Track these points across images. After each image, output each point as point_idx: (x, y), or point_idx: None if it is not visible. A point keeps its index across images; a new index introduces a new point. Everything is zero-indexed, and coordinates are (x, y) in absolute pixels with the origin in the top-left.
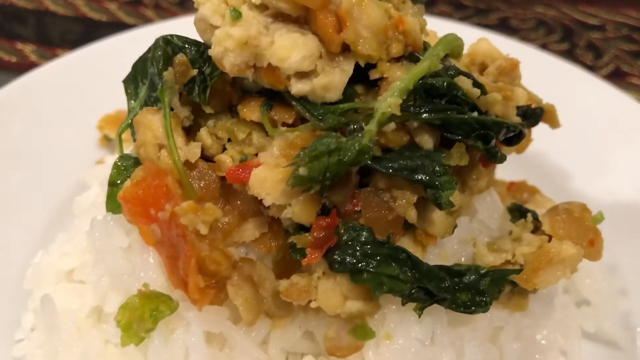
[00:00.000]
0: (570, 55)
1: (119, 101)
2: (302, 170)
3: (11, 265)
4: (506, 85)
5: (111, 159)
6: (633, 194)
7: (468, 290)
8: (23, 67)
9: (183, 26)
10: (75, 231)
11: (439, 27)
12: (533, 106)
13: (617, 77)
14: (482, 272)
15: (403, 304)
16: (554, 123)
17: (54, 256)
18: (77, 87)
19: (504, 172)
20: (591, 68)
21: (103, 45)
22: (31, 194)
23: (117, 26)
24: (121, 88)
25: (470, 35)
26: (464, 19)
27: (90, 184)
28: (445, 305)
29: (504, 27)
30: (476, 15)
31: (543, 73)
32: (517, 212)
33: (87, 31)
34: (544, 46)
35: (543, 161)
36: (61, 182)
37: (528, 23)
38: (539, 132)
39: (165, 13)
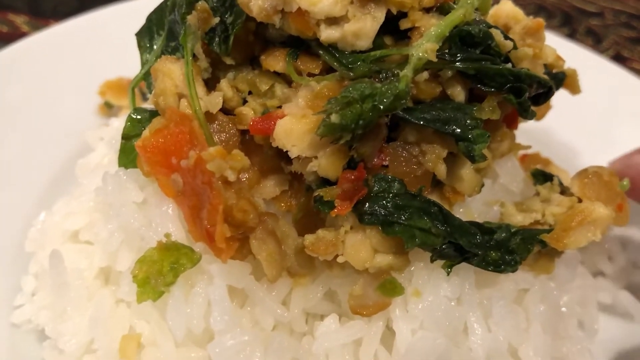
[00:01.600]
0: (570, 39)
1: (119, 69)
2: (334, 117)
3: (10, 229)
4: (534, 43)
5: (116, 121)
6: None
7: (498, 249)
8: (14, 37)
9: None
10: (80, 192)
11: None
12: (554, 71)
13: (618, 62)
14: (513, 230)
15: (432, 260)
16: (575, 88)
17: (58, 216)
18: (75, 54)
19: None
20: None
21: (100, 14)
22: (30, 158)
23: None
24: (121, 56)
25: None
26: None
27: (94, 146)
28: (474, 263)
29: None
30: None
31: None
32: (542, 176)
33: (80, 4)
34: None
35: (550, 138)
36: (60, 147)
37: (528, 8)
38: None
39: None
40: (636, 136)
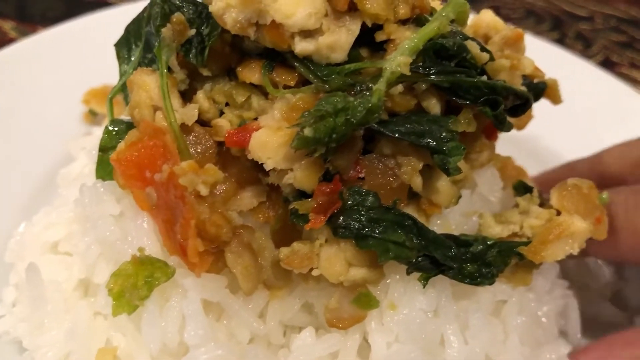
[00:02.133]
0: (560, 44)
1: (103, 76)
2: (308, 131)
3: None
4: (513, 54)
5: (98, 130)
6: None
7: (475, 261)
8: (1, 43)
9: None
10: (60, 202)
11: None
12: (535, 81)
13: (607, 67)
14: (490, 243)
15: (408, 273)
16: (555, 98)
17: (37, 227)
18: (60, 61)
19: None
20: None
21: (86, 21)
22: (11, 167)
23: (101, 5)
24: (106, 63)
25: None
26: None
27: (76, 156)
28: (450, 275)
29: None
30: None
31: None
32: (522, 188)
33: (68, 9)
34: (536, 35)
35: (537, 144)
36: (43, 156)
37: (518, 12)
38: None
39: None
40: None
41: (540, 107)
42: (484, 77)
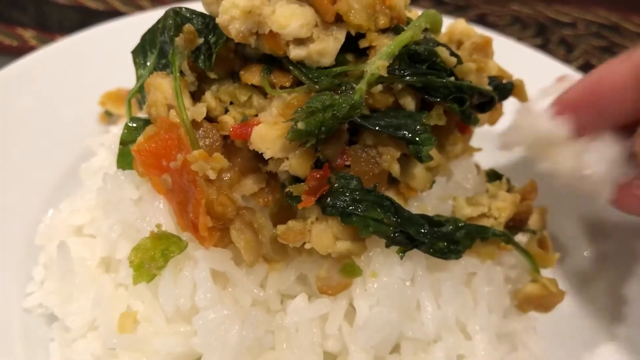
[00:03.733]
0: (543, 49)
1: (117, 80)
2: (300, 125)
3: (21, 225)
4: (480, 58)
5: (115, 128)
6: None
7: (445, 239)
8: (24, 50)
9: None
10: (84, 191)
11: None
12: (504, 81)
13: (586, 70)
14: (460, 225)
15: (387, 246)
16: (522, 97)
17: (64, 213)
18: (78, 67)
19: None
20: (563, 61)
21: (101, 30)
22: (37, 162)
23: (113, 14)
24: (119, 68)
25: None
26: (444, 14)
27: (96, 151)
28: (423, 250)
29: (481, 22)
30: (456, 12)
31: (519, 63)
32: (494, 176)
33: (84, 19)
34: (519, 40)
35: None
36: (64, 152)
37: (504, 19)
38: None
39: (158, 3)
40: None
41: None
42: (452, 78)
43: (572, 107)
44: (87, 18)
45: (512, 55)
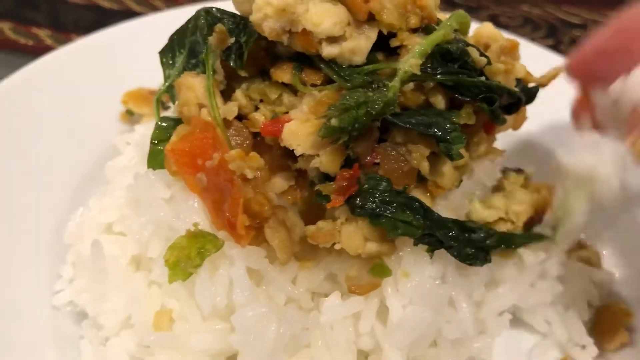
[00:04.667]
0: (555, 50)
1: (137, 79)
2: (334, 121)
3: (47, 224)
4: (508, 60)
5: (140, 128)
6: None
7: (473, 245)
8: (39, 50)
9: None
10: (112, 189)
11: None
12: (530, 85)
13: None
14: (491, 232)
15: (415, 244)
16: None
17: (93, 211)
18: (97, 67)
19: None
20: None
21: (120, 29)
22: (61, 161)
23: (127, 14)
24: (138, 68)
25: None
26: None
27: (122, 150)
28: (450, 253)
29: (493, 23)
30: (467, 13)
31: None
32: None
33: (99, 18)
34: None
35: (531, 141)
36: (87, 151)
37: (516, 20)
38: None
39: (172, 3)
40: None
41: (536, 109)
42: (483, 78)
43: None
44: (102, 18)
45: (526, 56)
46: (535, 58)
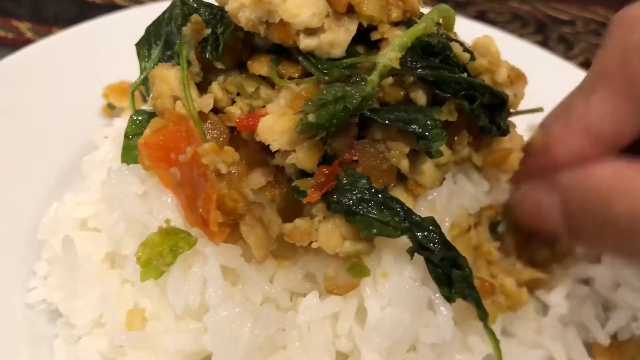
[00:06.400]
0: (543, 46)
1: (118, 73)
2: (311, 117)
3: (22, 220)
4: (491, 61)
5: (118, 121)
6: None
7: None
8: (20, 43)
9: None
10: (87, 184)
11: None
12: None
13: (587, 67)
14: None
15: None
16: None
17: (68, 206)
18: (77, 59)
19: None
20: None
21: (101, 22)
22: (38, 156)
23: (110, 7)
24: (120, 61)
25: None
26: None
27: (99, 144)
28: (430, 261)
29: (482, 19)
30: (455, 8)
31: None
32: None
33: (81, 11)
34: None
35: None
36: (66, 145)
37: (504, 16)
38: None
39: None
40: None
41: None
42: (465, 75)
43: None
44: (84, 10)
45: (514, 52)
46: (523, 54)
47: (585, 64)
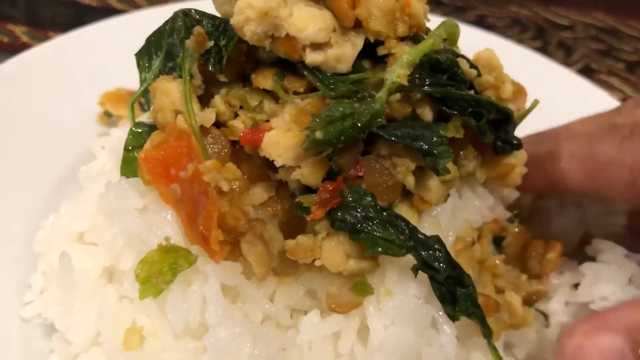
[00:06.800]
0: (542, 52)
1: (116, 80)
2: (319, 134)
3: (18, 231)
4: (498, 77)
5: (116, 131)
6: None
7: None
8: (15, 47)
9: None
10: (85, 196)
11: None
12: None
13: (586, 74)
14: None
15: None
16: None
17: (65, 219)
18: (74, 66)
19: None
20: (563, 64)
21: (99, 27)
22: (34, 164)
23: (107, 11)
24: (118, 68)
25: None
26: (443, 15)
27: (97, 154)
28: (435, 280)
29: (481, 24)
30: (454, 13)
31: (521, 65)
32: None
33: (77, 15)
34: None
35: None
36: (62, 155)
37: (503, 21)
38: None
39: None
40: None
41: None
42: (472, 92)
43: None
44: (81, 14)
45: (512, 59)
46: (522, 61)
47: (585, 70)
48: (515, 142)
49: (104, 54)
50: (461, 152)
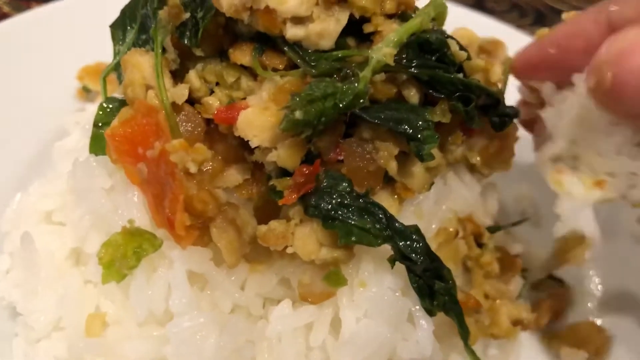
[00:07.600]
0: None
1: (96, 54)
2: (298, 114)
3: None
4: (488, 59)
5: (92, 106)
6: None
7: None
8: None
9: None
10: (55, 174)
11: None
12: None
13: None
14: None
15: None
16: None
17: (33, 197)
18: (54, 38)
19: None
20: None
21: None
22: (7, 140)
23: None
24: (99, 41)
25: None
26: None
27: (71, 131)
28: (412, 271)
29: (480, 7)
30: None
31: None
32: None
33: None
34: (518, 28)
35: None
36: (37, 130)
37: (502, 5)
38: None
39: None
40: None
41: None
42: (461, 75)
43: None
44: None
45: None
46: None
47: None
48: (511, 111)
49: (85, 26)
50: (449, 138)
